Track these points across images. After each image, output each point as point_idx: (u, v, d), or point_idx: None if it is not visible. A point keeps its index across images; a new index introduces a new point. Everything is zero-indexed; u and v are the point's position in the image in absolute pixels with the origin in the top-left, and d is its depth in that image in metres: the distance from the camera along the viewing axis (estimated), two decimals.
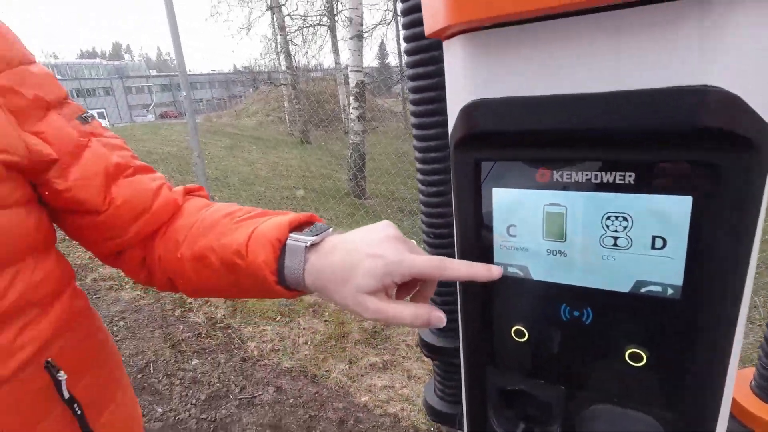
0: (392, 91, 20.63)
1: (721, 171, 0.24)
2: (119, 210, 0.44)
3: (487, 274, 0.32)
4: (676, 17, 0.21)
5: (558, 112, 0.25)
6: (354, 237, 0.38)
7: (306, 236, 0.39)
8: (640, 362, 0.30)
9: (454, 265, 0.33)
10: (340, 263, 0.36)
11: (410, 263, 0.34)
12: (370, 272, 0.35)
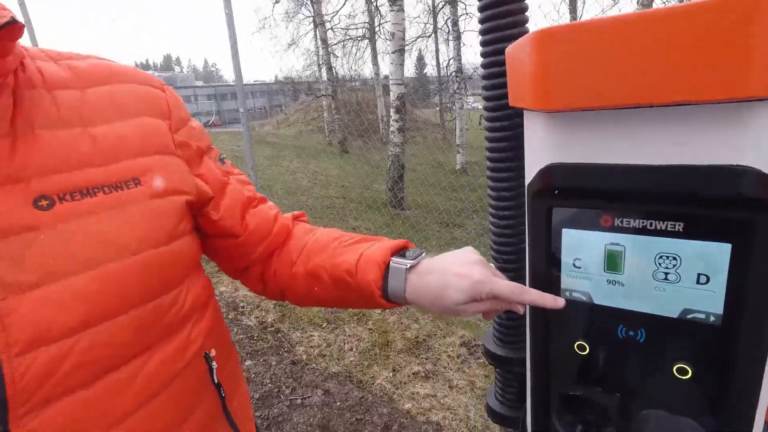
0: (429, 102, 20.67)
1: (755, 225, 0.30)
2: (251, 235, 0.55)
3: (554, 304, 0.40)
4: (718, 116, 0.28)
5: (622, 177, 0.32)
6: (445, 260, 0.47)
7: (406, 260, 0.49)
8: (686, 376, 0.36)
9: (530, 293, 0.41)
10: (436, 282, 0.45)
11: (494, 285, 0.42)
12: (460, 289, 0.44)
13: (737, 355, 0.34)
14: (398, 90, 5.95)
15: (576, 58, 0.30)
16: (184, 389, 0.48)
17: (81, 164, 0.42)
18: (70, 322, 0.38)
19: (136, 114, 0.47)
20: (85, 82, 0.46)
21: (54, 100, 0.43)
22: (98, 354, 0.40)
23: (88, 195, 0.41)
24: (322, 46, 12.34)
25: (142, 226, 0.43)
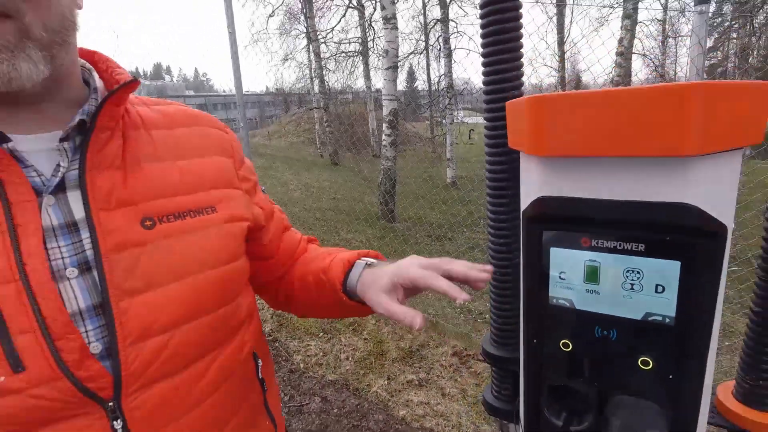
0: (419, 115, 20.92)
1: (697, 248, 0.40)
2: (281, 255, 0.65)
3: (458, 296, 0.50)
4: (669, 166, 0.38)
5: (599, 208, 0.42)
6: (393, 263, 0.58)
7: (365, 261, 0.60)
8: (648, 366, 0.45)
9: (438, 281, 0.51)
10: (377, 272, 0.56)
11: (407, 271, 0.53)
12: (386, 274, 0.56)
13: (687, 349, 0.43)
14: (391, 105, 6.08)
15: (561, 119, 0.40)
16: (239, 383, 0.57)
17: (174, 192, 0.51)
18: (167, 321, 0.47)
19: (210, 153, 0.58)
20: (172, 123, 0.56)
21: (151, 138, 0.53)
22: (185, 348, 0.49)
23: (180, 218, 0.50)
24: (315, 60, 12.50)
25: (217, 246, 0.53)
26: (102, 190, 0.47)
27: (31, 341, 0.42)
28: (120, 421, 0.46)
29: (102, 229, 0.46)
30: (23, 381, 0.42)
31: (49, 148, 0.47)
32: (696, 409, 0.44)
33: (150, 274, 0.47)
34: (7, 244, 0.42)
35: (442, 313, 3.28)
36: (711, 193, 0.38)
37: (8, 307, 0.41)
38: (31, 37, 0.43)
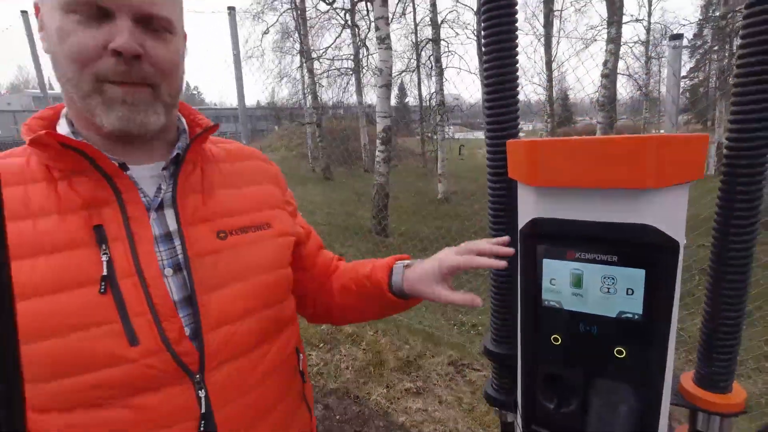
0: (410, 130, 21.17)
1: (657, 258, 0.51)
2: (317, 270, 0.76)
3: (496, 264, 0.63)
4: (632, 196, 0.49)
5: (581, 227, 0.53)
6: (428, 261, 0.71)
7: (402, 263, 0.72)
8: (622, 356, 0.56)
9: (478, 260, 0.65)
10: (420, 270, 0.67)
11: (450, 261, 0.66)
12: (432, 269, 0.69)
13: (652, 339, 0.54)
14: (384, 123, 6.22)
15: (551, 158, 0.51)
16: (286, 373, 0.68)
17: (239, 212, 0.63)
18: (236, 313, 0.58)
19: (262, 182, 0.70)
20: (232, 158, 0.68)
21: (219, 170, 0.65)
22: (249, 336, 0.60)
23: (244, 232, 0.61)
24: (308, 76, 12.69)
25: (271, 255, 0.64)
26: (188, 209, 0.60)
27: (143, 322, 0.53)
28: (203, 391, 0.57)
29: (189, 239, 0.58)
30: (137, 352, 0.53)
31: (152, 175, 0.60)
32: (660, 387, 0.55)
33: (223, 275, 0.59)
34: (127, 248, 0.54)
35: (437, 324, 3.38)
36: (665, 216, 0.49)
37: (128, 296, 0.53)
38: (160, 99, 0.60)
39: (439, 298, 0.69)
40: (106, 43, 0.53)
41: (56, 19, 0.53)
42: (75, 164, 0.55)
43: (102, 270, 0.53)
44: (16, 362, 0.29)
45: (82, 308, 0.52)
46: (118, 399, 0.54)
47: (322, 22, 13.42)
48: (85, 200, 0.55)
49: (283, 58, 14.43)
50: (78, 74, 0.54)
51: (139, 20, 0.55)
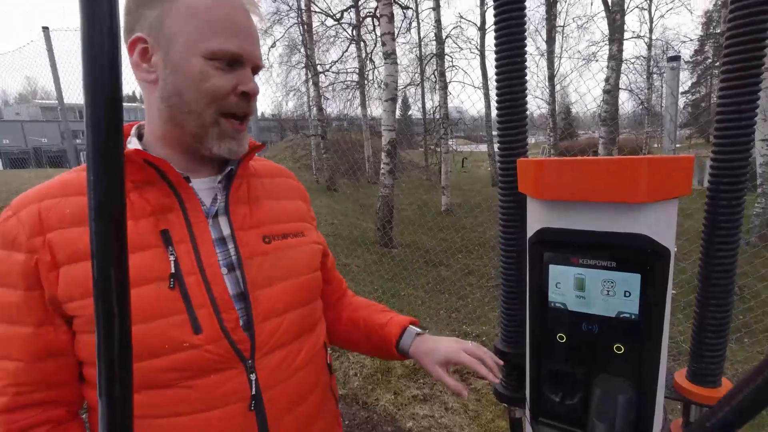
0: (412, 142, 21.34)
1: (650, 264, 0.58)
2: (335, 284, 0.85)
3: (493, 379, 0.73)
4: (628, 209, 0.56)
5: (583, 236, 0.60)
6: (439, 338, 0.80)
7: (416, 330, 0.80)
8: (621, 352, 0.62)
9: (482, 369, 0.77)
10: (429, 346, 0.77)
11: (458, 355, 0.74)
12: (440, 352, 0.80)
13: (647, 337, 0.61)
14: (389, 135, 6.32)
15: (556, 175, 0.59)
16: (318, 365, 0.75)
17: (279, 220, 0.71)
18: (281, 307, 0.66)
19: (293, 197, 0.80)
20: (270, 173, 0.77)
21: (262, 183, 0.73)
22: (290, 328, 0.68)
23: (285, 238, 0.70)
24: (313, 89, 12.87)
25: (307, 259, 0.73)
26: (239, 217, 0.68)
27: (205, 313, 0.61)
28: (254, 375, 0.65)
29: (241, 243, 0.67)
30: (200, 340, 0.61)
31: (209, 187, 0.68)
32: (655, 379, 0.61)
33: (270, 275, 0.67)
34: (190, 249, 0.63)
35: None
36: (657, 227, 0.56)
37: (192, 290, 0.61)
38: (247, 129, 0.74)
39: (436, 376, 0.82)
40: (235, 86, 0.67)
41: (196, 63, 0.65)
42: (148, 176, 0.64)
43: (170, 268, 0.62)
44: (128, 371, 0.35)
45: (154, 301, 0.60)
46: (183, 380, 0.62)
47: (329, 37, 13.67)
48: (154, 207, 0.64)
49: (290, 71, 14.67)
50: (205, 108, 0.66)
51: (253, 69, 0.70)
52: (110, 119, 0.29)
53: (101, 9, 0.28)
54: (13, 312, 0.62)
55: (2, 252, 0.63)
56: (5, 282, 0.63)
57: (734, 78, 0.59)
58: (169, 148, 0.70)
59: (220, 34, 0.65)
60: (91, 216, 0.30)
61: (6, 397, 0.62)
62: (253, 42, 0.69)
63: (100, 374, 0.32)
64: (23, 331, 0.63)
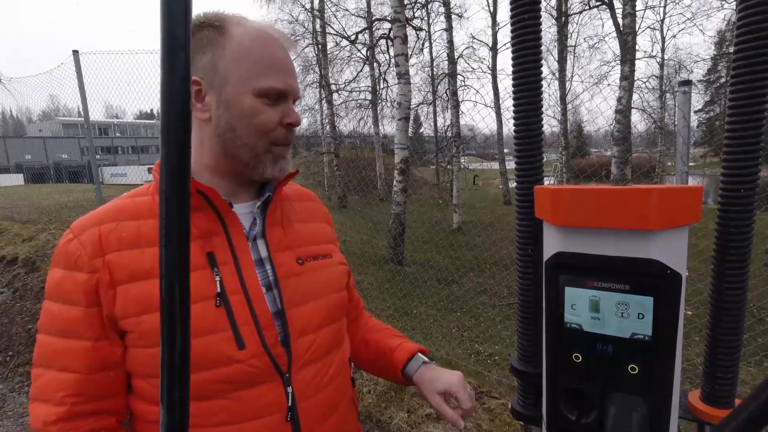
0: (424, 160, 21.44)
1: (662, 288, 0.61)
2: (354, 302, 0.91)
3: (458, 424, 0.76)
4: (640, 235, 0.60)
5: (597, 260, 0.64)
6: (443, 369, 0.86)
7: (423, 358, 0.85)
8: (635, 372, 0.65)
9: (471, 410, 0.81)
10: (433, 377, 0.82)
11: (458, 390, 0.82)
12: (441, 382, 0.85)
13: (660, 358, 0.63)
14: (402, 154, 6.40)
15: (571, 203, 0.62)
16: (344, 379, 0.79)
17: (309, 243, 0.76)
18: (314, 325, 0.70)
19: (320, 220, 0.86)
20: (300, 197, 0.83)
21: (293, 207, 0.79)
22: (324, 344, 0.72)
23: (316, 259, 0.75)
24: (327, 107, 13.07)
25: (336, 279, 0.77)
26: (275, 239, 0.74)
27: (248, 330, 0.66)
28: (290, 387, 0.69)
29: (277, 264, 0.72)
30: (244, 354, 0.65)
31: (249, 212, 0.74)
32: (668, 400, 0.64)
33: (304, 294, 0.72)
34: (233, 270, 0.68)
35: (453, 353, 3.41)
36: (668, 252, 0.60)
37: (236, 309, 0.66)
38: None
39: (434, 404, 0.88)
40: (282, 118, 0.74)
41: (247, 100, 0.72)
42: (197, 203, 0.70)
43: (216, 288, 0.67)
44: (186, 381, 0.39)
45: (203, 318, 0.65)
46: (228, 392, 0.67)
47: (343, 58, 13.95)
48: (201, 231, 0.69)
49: (304, 91, 14.95)
50: (258, 139, 0.73)
51: (294, 101, 0.77)
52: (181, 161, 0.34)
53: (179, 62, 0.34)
54: (74, 327, 0.68)
55: (65, 272, 0.69)
56: (68, 299, 0.69)
57: (742, 98, 0.63)
58: (216, 176, 0.77)
59: (268, 73, 0.72)
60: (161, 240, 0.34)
61: (65, 406, 0.68)
62: (294, 77, 0.76)
63: (163, 384, 0.36)
64: (82, 345, 0.68)
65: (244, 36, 0.73)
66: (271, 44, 0.74)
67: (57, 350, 0.69)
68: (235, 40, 0.72)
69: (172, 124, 0.34)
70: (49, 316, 0.71)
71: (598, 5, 10.40)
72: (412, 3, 12.22)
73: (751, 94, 0.63)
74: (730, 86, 0.66)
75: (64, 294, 0.69)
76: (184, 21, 0.33)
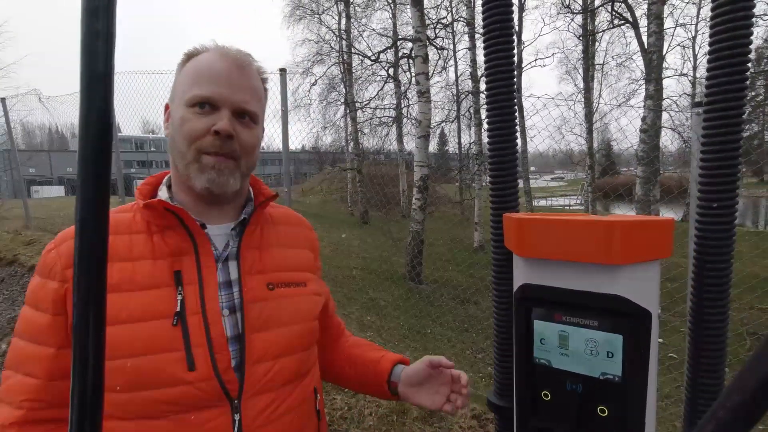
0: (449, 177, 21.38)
1: (631, 326, 0.57)
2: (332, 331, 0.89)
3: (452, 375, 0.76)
4: (604, 270, 0.57)
5: (564, 294, 0.61)
6: None
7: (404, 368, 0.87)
8: (605, 414, 0.61)
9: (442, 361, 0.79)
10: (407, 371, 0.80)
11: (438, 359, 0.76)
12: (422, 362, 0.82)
13: (630, 400, 0.59)
14: (422, 172, 6.39)
15: (535, 233, 0.60)
16: (306, 409, 0.78)
17: (285, 269, 0.77)
18: (275, 352, 0.70)
19: (303, 247, 0.85)
20: (286, 220, 0.84)
21: (276, 230, 0.80)
22: (283, 373, 0.71)
23: (287, 286, 0.74)
24: (351, 124, 13.25)
25: (305, 309, 0.77)
26: (248, 262, 0.74)
27: (201, 352, 0.66)
28: (238, 415, 0.68)
29: (246, 287, 0.71)
30: (193, 377, 0.65)
31: (223, 233, 0.75)
32: None
33: (268, 320, 0.72)
34: (197, 291, 0.68)
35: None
36: (636, 288, 0.56)
37: (192, 329, 0.66)
38: (239, 170, 0.78)
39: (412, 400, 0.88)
40: (210, 127, 0.73)
41: (180, 111, 0.74)
42: (169, 222, 0.71)
43: (176, 307, 0.67)
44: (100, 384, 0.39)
45: (157, 337, 0.66)
46: (173, 414, 0.66)
47: (367, 76, 14.16)
48: (172, 249, 0.71)
49: (329, 108, 15.22)
50: (187, 148, 0.73)
51: (235, 113, 0.76)
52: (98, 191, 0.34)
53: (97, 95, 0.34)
54: (41, 334, 0.71)
55: (41, 279, 0.73)
56: (39, 306, 0.72)
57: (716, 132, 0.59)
58: (184, 194, 0.78)
59: (197, 82, 0.74)
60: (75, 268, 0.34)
61: (22, 410, 0.70)
62: (231, 87, 0.75)
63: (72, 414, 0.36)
64: (46, 352, 0.71)
65: (200, 58, 0.76)
66: (212, 58, 0.75)
67: (25, 355, 0.72)
68: (190, 63, 0.76)
69: (89, 156, 0.34)
70: (23, 320, 0.74)
71: (622, 24, 10.26)
72: (434, 23, 12.34)
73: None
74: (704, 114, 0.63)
75: (36, 301, 0.72)
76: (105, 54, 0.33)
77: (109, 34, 0.34)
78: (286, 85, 3.18)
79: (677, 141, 13.76)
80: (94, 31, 0.33)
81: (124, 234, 0.73)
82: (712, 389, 0.63)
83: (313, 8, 14.80)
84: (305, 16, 14.99)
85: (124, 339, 0.66)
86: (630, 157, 19.88)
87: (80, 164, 0.34)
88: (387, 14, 15.28)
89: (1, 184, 12.62)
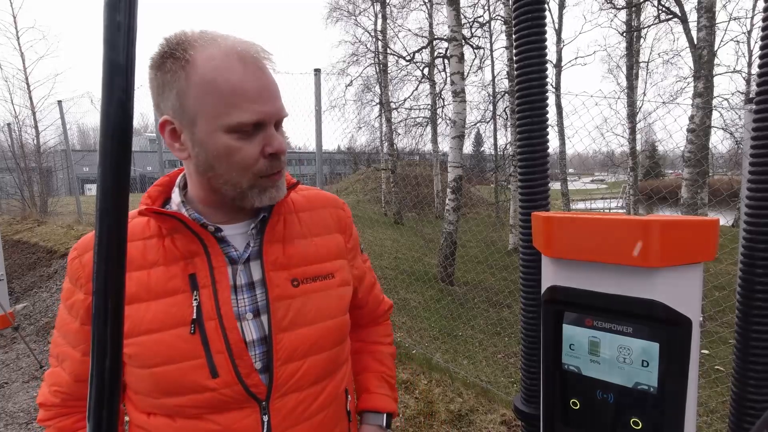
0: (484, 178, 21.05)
1: (669, 333, 0.53)
2: (367, 309, 0.86)
3: None
4: (640, 273, 0.53)
5: (595, 298, 0.57)
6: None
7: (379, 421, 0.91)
8: (638, 426, 0.57)
9: None
10: None
11: None
12: None
13: (666, 414, 0.55)
14: (456, 172, 6.32)
15: (564, 233, 0.57)
16: (336, 409, 0.78)
17: (310, 262, 0.75)
18: (303, 352, 0.69)
19: (332, 231, 0.82)
20: (311, 205, 0.81)
21: (299, 219, 0.78)
22: (311, 373, 0.71)
23: (313, 281, 0.73)
24: (385, 125, 13.25)
25: (334, 304, 0.76)
26: (271, 257, 0.72)
27: (222, 359, 0.66)
28: (267, 416, 0.68)
29: (270, 285, 0.70)
30: (216, 383, 0.65)
31: (243, 232, 0.73)
32: None
33: (294, 319, 0.71)
34: (210, 294, 0.68)
35: (495, 380, 3.26)
36: (675, 293, 0.52)
37: (211, 336, 0.66)
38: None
39: None
40: (263, 150, 0.67)
41: (219, 138, 0.65)
42: (175, 225, 0.70)
43: (192, 313, 0.67)
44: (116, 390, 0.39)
45: (177, 346, 0.66)
46: (202, 415, 0.67)
47: (402, 76, 14.14)
48: (182, 252, 0.70)
49: (363, 108, 15.29)
50: (240, 177, 0.68)
51: (276, 125, 0.69)
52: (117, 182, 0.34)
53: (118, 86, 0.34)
54: (71, 335, 0.75)
55: (71, 286, 0.75)
56: (71, 310, 0.75)
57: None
58: (208, 206, 0.74)
59: (236, 105, 0.64)
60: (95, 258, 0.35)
61: (58, 399, 0.77)
62: (270, 98, 0.67)
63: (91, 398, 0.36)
64: (75, 354, 0.75)
65: (207, 65, 0.64)
66: (237, 68, 0.65)
67: (61, 349, 0.77)
68: (198, 71, 0.64)
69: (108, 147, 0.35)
70: (60, 317, 0.78)
71: (669, 18, 9.78)
72: (470, 22, 12.18)
73: None
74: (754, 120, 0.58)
75: (69, 305, 0.75)
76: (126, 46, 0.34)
77: (130, 26, 0.35)
78: (320, 86, 3.21)
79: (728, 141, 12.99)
80: (115, 23, 0.34)
81: (139, 240, 0.72)
82: (758, 406, 0.58)
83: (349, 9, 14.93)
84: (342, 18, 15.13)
85: (145, 350, 0.67)
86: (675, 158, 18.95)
87: (101, 156, 0.35)
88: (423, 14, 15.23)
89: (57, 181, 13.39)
